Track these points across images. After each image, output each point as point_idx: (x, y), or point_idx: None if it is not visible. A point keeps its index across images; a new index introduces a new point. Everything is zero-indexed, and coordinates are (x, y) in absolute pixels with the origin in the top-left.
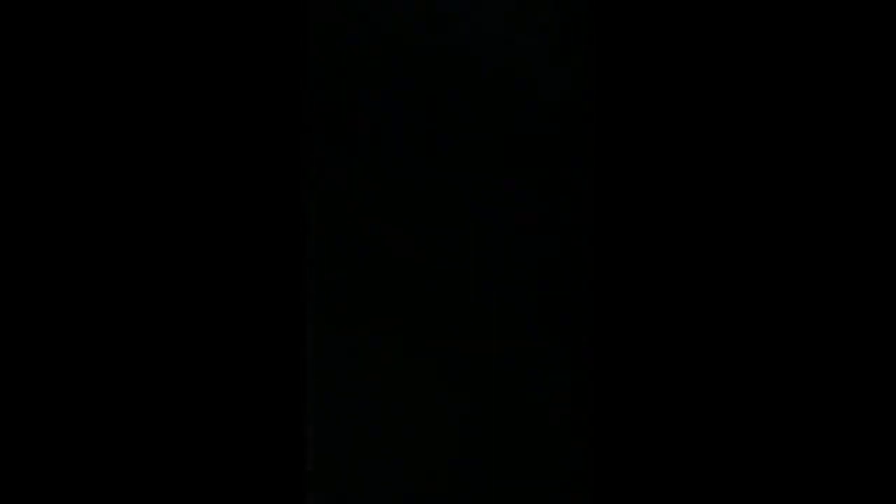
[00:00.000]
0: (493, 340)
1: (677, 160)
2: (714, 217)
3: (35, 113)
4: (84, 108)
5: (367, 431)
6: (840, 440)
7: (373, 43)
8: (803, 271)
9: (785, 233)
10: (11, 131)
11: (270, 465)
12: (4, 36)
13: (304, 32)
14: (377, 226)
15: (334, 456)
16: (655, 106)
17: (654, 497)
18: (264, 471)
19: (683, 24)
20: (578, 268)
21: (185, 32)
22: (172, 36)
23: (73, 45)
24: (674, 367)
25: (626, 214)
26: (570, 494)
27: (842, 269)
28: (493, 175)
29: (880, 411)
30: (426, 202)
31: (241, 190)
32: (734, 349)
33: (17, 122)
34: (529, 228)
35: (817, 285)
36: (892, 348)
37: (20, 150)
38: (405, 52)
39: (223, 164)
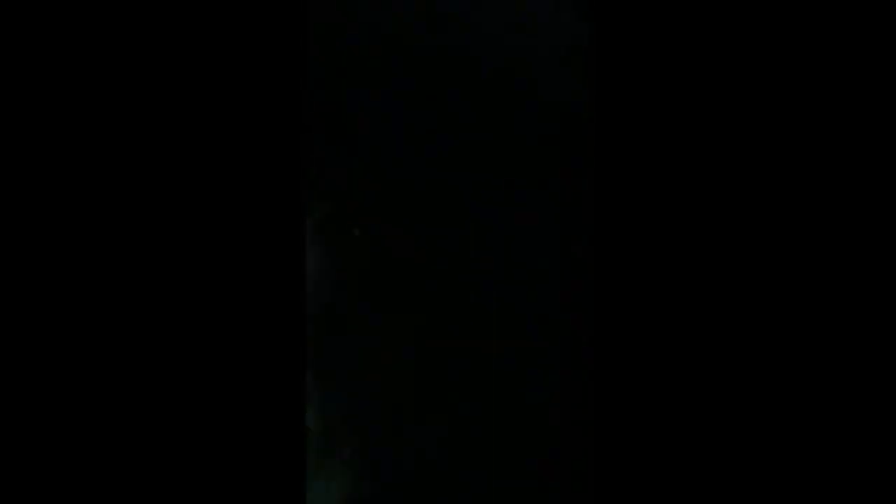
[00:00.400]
0: (493, 340)
1: (677, 162)
2: (714, 219)
3: (35, 113)
4: (84, 109)
5: (367, 431)
6: (840, 440)
7: (373, 43)
8: (802, 272)
9: (784, 234)
10: (12, 132)
11: (270, 465)
12: (4, 36)
13: (304, 32)
14: (377, 226)
15: (333, 455)
16: (655, 107)
17: (655, 497)
18: (264, 471)
19: (683, 28)
20: (579, 268)
21: (185, 32)
22: (172, 37)
23: (72, 45)
24: (674, 368)
25: (626, 216)
26: (570, 494)
27: (841, 270)
28: (493, 175)
29: (881, 413)
30: (426, 202)
31: (240, 190)
32: (735, 349)
33: (18, 122)
34: (530, 229)
35: (816, 286)
36: (891, 350)
37: (20, 150)
38: (405, 53)
39: (223, 164)
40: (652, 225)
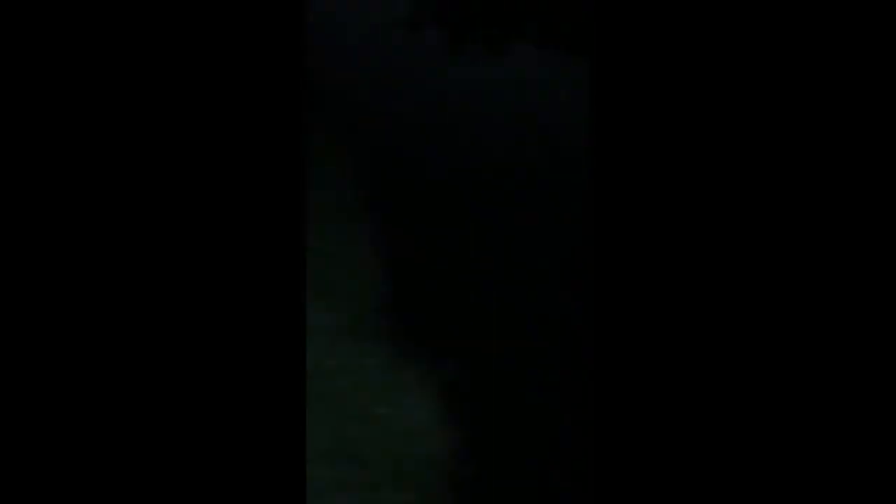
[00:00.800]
0: (493, 341)
1: (673, 169)
2: (712, 223)
3: (39, 114)
4: (92, 110)
5: (367, 431)
6: (837, 439)
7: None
8: (793, 279)
9: (774, 246)
10: (14, 132)
11: (270, 465)
12: (7, 37)
13: (302, 32)
14: (378, 227)
15: (334, 454)
16: (652, 113)
17: (654, 496)
18: (264, 470)
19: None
20: (579, 269)
21: (189, 38)
22: (177, 42)
23: (78, 49)
24: (673, 368)
25: (624, 220)
26: (570, 494)
27: (835, 274)
28: (494, 176)
29: (878, 411)
30: (426, 203)
31: (241, 190)
32: (732, 350)
33: (21, 122)
34: (530, 230)
35: (804, 291)
36: (890, 350)
37: (23, 149)
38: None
39: (224, 164)
40: (650, 230)
